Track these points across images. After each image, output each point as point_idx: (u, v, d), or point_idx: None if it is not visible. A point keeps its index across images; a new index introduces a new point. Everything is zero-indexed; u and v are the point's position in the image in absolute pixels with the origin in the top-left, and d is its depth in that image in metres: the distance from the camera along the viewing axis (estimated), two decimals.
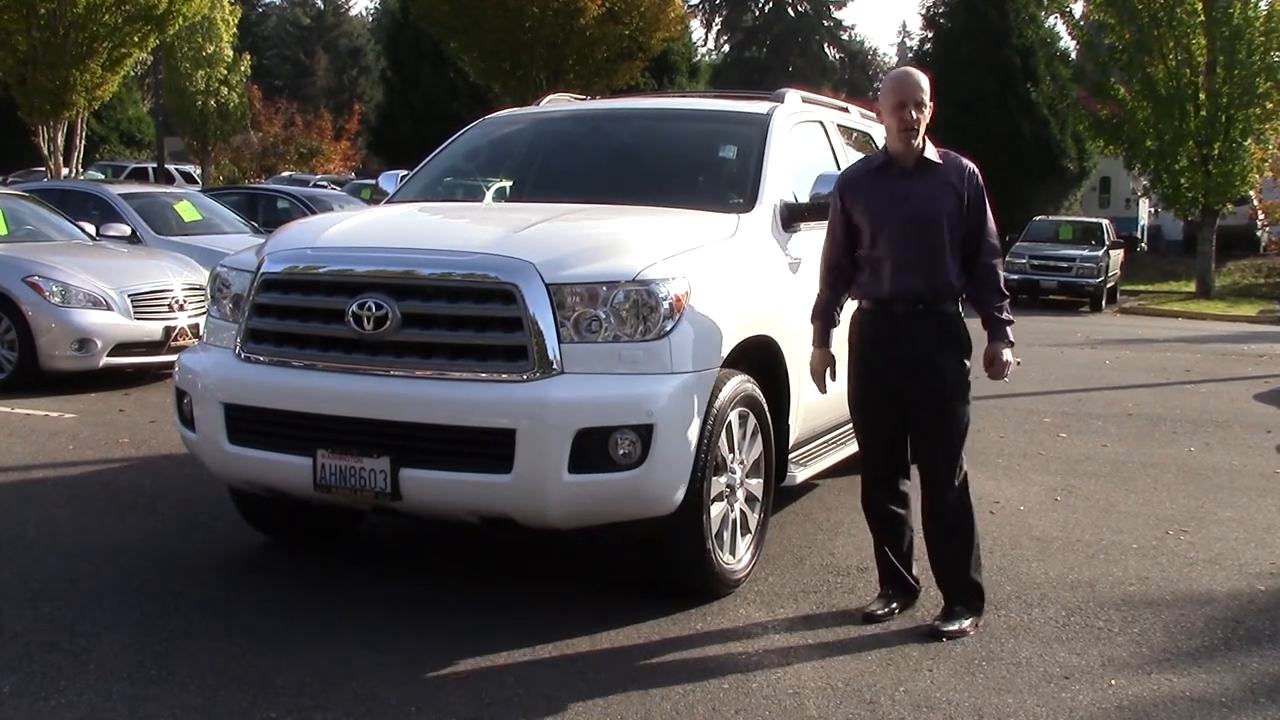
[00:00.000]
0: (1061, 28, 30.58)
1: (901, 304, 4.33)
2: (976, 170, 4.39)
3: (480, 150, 6.27)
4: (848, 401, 4.57)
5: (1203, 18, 23.68)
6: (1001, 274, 4.42)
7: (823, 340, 4.56)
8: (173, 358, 5.61)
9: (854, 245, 4.46)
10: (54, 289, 9.13)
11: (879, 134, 7.02)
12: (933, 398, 4.32)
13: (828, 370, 4.57)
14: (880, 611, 4.43)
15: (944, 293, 4.32)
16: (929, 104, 4.33)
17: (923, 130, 4.32)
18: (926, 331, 4.32)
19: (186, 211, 12.73)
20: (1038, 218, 25.96)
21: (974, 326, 4.41)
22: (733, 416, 4.47)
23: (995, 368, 4.38)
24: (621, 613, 4.40)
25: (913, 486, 4.53)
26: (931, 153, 4.35)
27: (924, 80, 4.36)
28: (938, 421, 4.34)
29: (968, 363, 4.36)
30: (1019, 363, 4.74)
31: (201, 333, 5.21)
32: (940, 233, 4.29)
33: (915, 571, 4.59)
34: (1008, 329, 4.37)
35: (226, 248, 9.81)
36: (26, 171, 27.23)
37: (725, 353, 4.44)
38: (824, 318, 4.58)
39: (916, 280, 4.29)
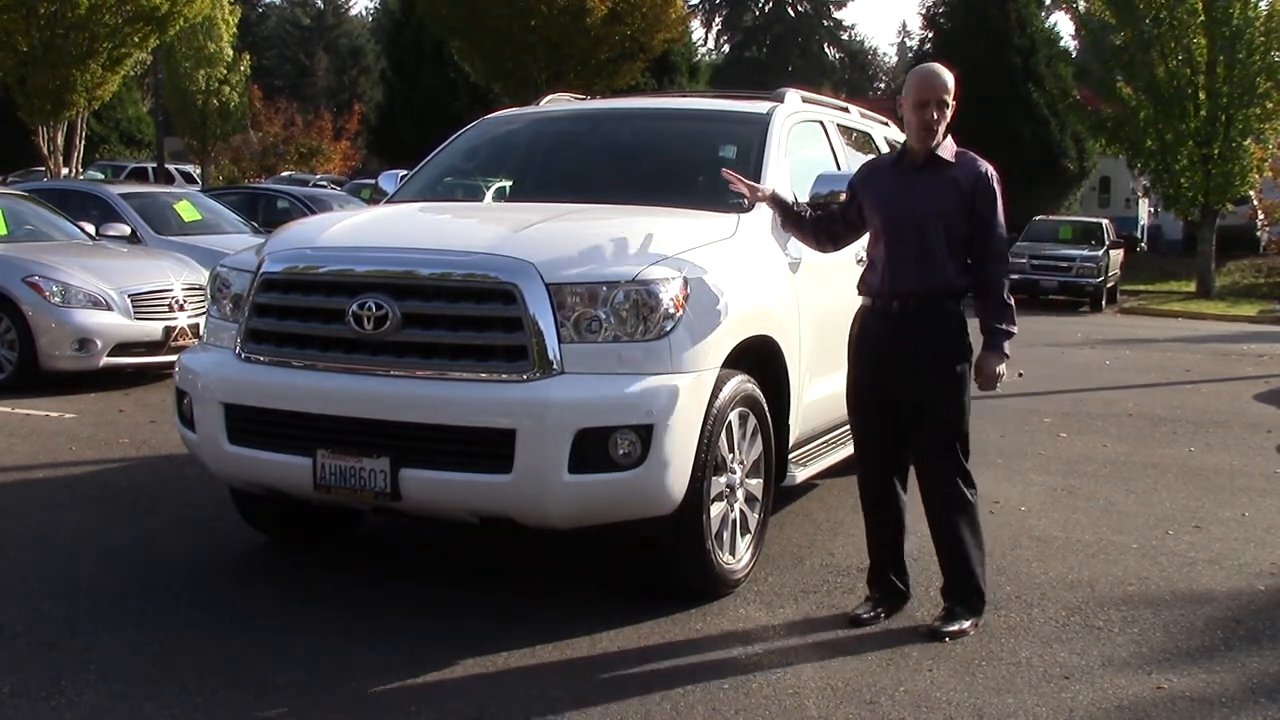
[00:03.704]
0: (1061, 28, 30.61)
1: (897, 301, 4.32)
2: (992, 174, 4.31)
3: (480, 150, 6.27)
4: (846, 399, 4.58)
5: (1203, 18, 23.69)
6: (1006, 282, 4.33)
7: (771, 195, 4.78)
8: (173, 358, 5.61)
9: (848, 220, 4.56)
10: (54, 289, 9.13)
11: (879, 134, 7.03)
12: (922, 401, 4.30)
13: (742, 184, 4.77)
14: (866, 615, 4.41)
15: (939, 291, 4.28)
16: (952, 104, 4.30)
17: (942, 129, 4.29)
18: (920, 331, 4.30)
19: (186, 211, 12.73)
20: (1038, 218, 25.93)
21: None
22: (733, 416, 4.48)
23: (983, 378, 4.34)
24: (621, 613, 4.40)
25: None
26: (946, 151, 4.31)
27: (950, 79, 4.31)
28: (929, 424, 4.32)
29: (964, 366, 4.32)
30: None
31: (201, 333, 5.21)
32: (935, 231, 4.25)
33: (909, 575, 4.56)
34: (1004, 341, 4.30)
35: (226, 248, 9.81)
36: (26, 171, 27.21)
37: (725, 353, 4.44)
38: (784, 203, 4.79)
39: (910, 277, 4.28)
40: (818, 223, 4.69)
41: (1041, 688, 3.86)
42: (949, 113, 4.29)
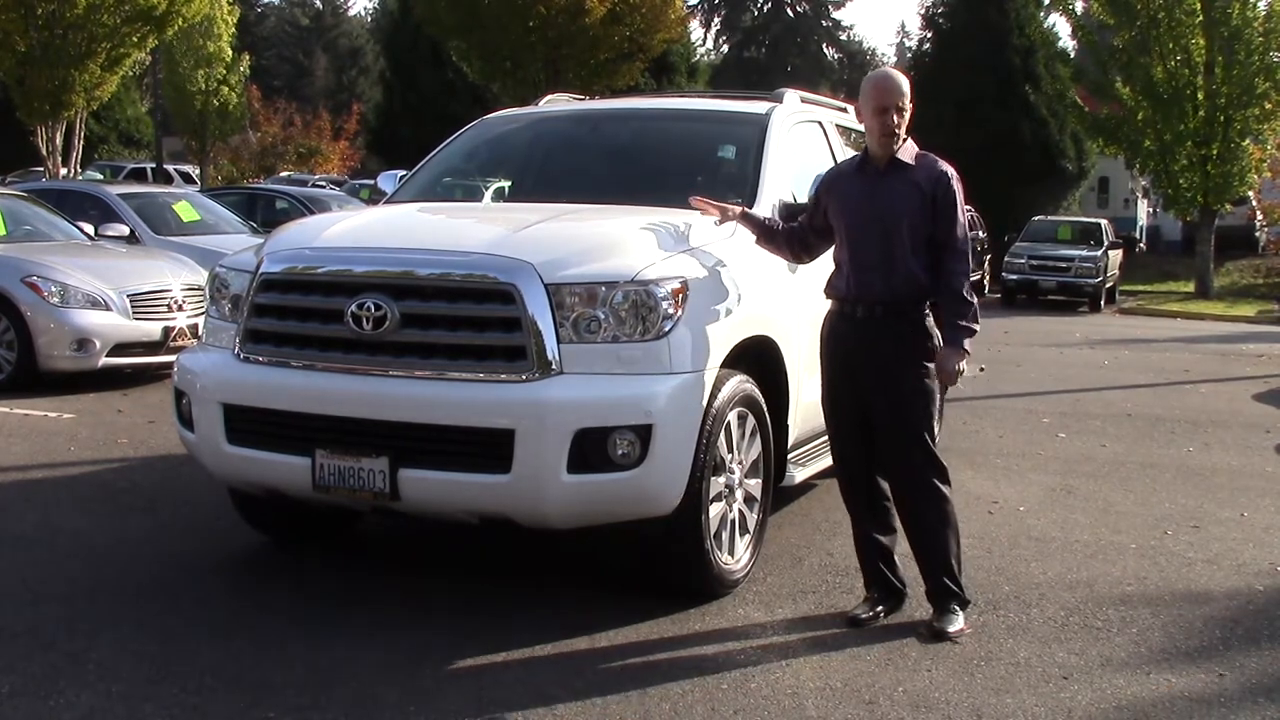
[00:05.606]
0: (1060, 27, 30.62)
1: (862, 306, 4.34)
2: (952, 174, 4.33)
3: (479, 150, 6.28)
4: (821, 403, 4.59)
5: (1201, 18, 23.70)
6: (967, 280, 4.31)
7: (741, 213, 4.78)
8: (171, 358, 5.62)
9: (816, 228, 4.58)
10: (53, 289, 9.13)
11: None
12: (889, 404, 4.31)
13: (712, 208, 4.77)
14: (864, 615, 4.41)
15: (904, 295, 4.29)
16: (909, 107, 4.32)
17: (902, 133, 4.31)
18: (885, 336, 4.31)
19: (185, 212, 12.73)
20: (1037, 218, 25.94)
21: None
22: (731, 417, 4.48)
23: (943, 374, 4.32)
24: (621, 613, 4.40)
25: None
26: (906, 154, 4.33)
27: (905, 84, 4.34)
28: (894, 428, 4.32)
29: (930, 366, 4.31)
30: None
31: (200, 333, 5.21)
32: (899, 235, 4.26)
33: (902, 573, 4.55)
34: (964, 338, 4.28)
35: (225, 248, 9.80)
36: (25, 171, 27.19)
37: (724, 353, 4.45)
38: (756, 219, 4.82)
39: (876, 281, 4.30)
40: (790, 235, 4.73)
41: (1040, 688, 3.87)
42: (907, 116, 4.31)
